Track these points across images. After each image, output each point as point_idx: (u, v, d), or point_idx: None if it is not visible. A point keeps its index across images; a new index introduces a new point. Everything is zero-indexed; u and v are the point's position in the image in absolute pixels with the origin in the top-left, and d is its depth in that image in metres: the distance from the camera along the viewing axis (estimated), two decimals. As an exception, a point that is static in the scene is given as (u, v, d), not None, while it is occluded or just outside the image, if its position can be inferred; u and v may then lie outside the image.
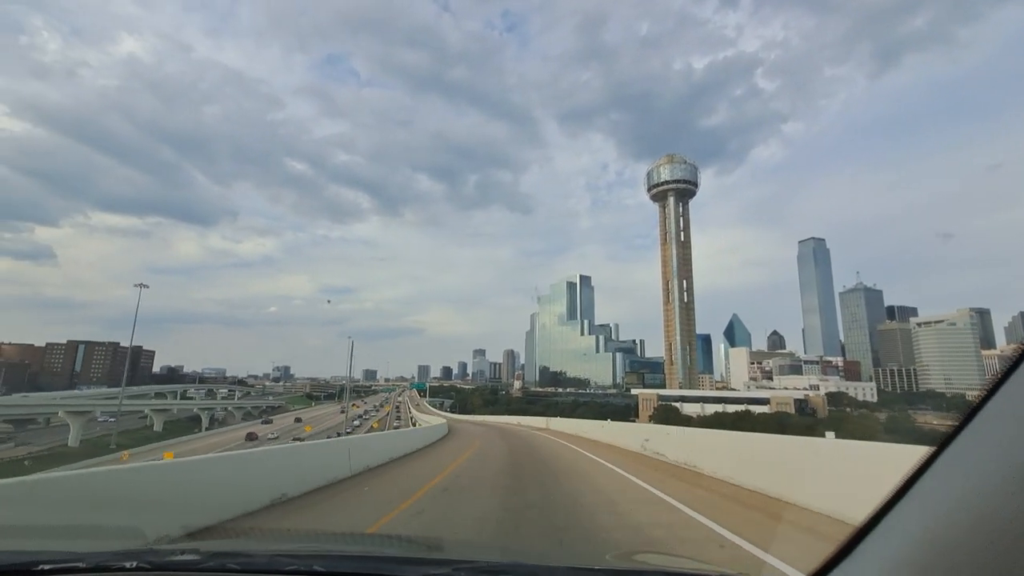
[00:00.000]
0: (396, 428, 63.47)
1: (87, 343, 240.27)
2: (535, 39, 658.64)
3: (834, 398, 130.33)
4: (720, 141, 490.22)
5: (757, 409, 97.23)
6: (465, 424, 46.67)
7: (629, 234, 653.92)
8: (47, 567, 1.70)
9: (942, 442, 0.91)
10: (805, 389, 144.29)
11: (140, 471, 6.42)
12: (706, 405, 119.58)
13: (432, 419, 49.92)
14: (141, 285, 66.20)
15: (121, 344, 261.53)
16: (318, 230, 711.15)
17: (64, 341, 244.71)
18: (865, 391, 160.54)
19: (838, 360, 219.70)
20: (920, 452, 0.95)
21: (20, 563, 1.74)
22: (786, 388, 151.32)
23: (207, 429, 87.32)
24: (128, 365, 61.51)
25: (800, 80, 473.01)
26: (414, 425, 53.29)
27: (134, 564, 1.71)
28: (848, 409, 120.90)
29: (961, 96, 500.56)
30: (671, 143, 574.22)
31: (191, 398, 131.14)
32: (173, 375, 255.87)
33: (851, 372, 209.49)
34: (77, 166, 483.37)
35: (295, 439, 56.02)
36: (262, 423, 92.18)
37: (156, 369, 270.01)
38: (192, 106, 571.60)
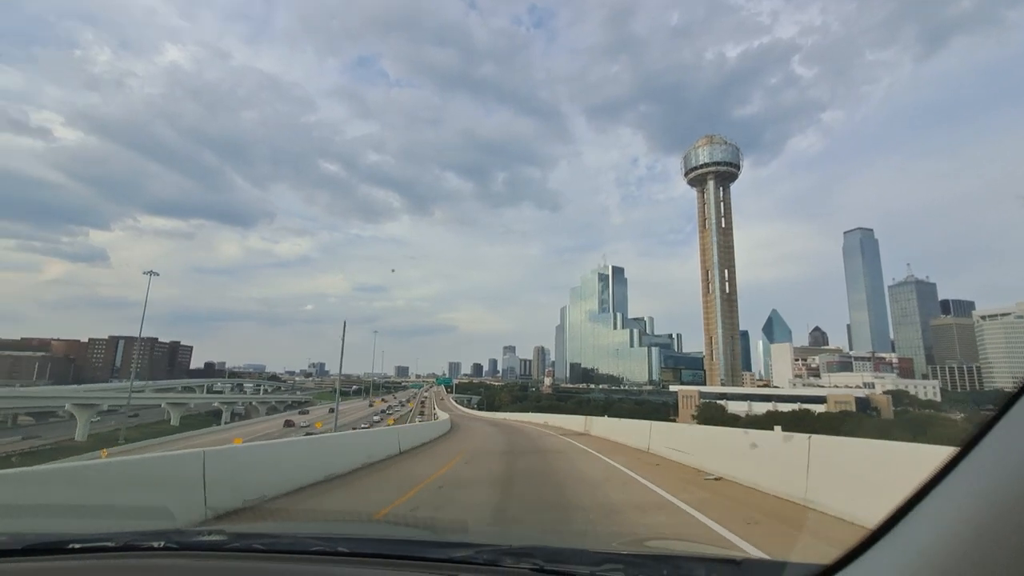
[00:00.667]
0: (418, 422, 59.61)
1: (126, 338, 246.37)
2: (562, 33, 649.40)
3: (895, 397, 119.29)
4: (755, 132, 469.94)
5: (816, 408, 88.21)
6: (477, 424, 37.75)
7: (661, 229, 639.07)
8: (77, 546, 1.74)
9: (968, 442, 0.90)
10: (859, 387, 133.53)
11: (171, 458, 6.62)
12: (753, 403, 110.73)
13: (442, 413, 44.05)
14: (151, 272, 63.55)
15: (160, 340, 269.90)
16: (351, 230, 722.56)
17: (106, 337, 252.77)
18: (927, 389, 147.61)
19: (892, 357, 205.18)
20: (946, 452, 0.93)
21: (52, 542, 1.78)
22: (836, 386, 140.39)
23: (226, 423, 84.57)
24: (137, 358, 58.37)
25: (840, 66, 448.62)
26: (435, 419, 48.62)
27: (161, 544, 1.74)
28: (912, 409, 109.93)
29: (1012, 79, 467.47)
30: (703, 135, 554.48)
31: (220, 392, 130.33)
32: (209, 370, 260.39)
33: (904, 370, 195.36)
34: (126, 172, 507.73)
35: (307, 433, 52.13)
36: (299, 413, 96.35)
37: (197, 364, 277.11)
38: (231, 111, 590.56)
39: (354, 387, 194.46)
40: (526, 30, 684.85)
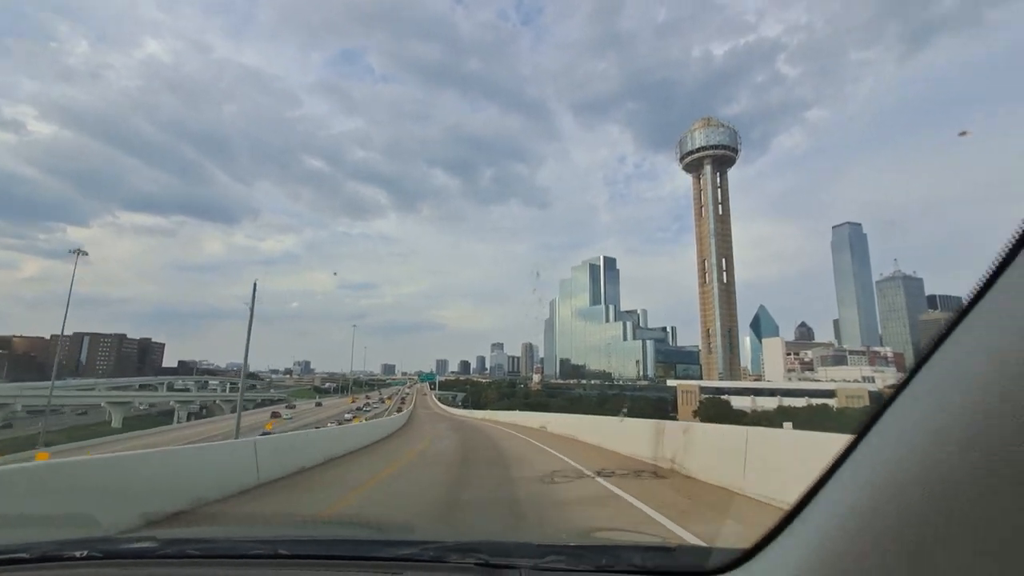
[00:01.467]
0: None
1: (92, 335, 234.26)
2: (549, 27, 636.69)
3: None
4: (742, 130, 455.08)
5: (829, 403, 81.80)
6: (433, 431, 28.08)
7: (650, 227, 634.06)
8: None
9: (864, 426, 0.95)
10: (857, 381, 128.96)
11: (92, 462, 6.32)
12: (757, 398, 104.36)
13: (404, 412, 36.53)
14: (78, 251, 54.18)
15: (128, 336, 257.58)
16: (338, 227, 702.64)
17: (71, 333, 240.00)
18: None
19: (887, 351, 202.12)
20: (846, 438, 1.00)
21: None
22: (834, 380, 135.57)
23: (178, 423, 75.42)
24: (60, 355, 48.97)
25: (825, 65, 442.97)
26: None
27: (84, 553, 1.61)
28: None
29: (998, 79, 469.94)
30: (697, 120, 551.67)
31: (185, 390, 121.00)
32: (182, 368, 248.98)
33: (898, 364, 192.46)
34: (104, 167, 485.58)
35: (262, 433, 43.92)
36: (286, 407, 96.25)
37: (170, 363, 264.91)
38: (212, 105, 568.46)
39: (329, 384, 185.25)
40: (512, 25, 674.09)
